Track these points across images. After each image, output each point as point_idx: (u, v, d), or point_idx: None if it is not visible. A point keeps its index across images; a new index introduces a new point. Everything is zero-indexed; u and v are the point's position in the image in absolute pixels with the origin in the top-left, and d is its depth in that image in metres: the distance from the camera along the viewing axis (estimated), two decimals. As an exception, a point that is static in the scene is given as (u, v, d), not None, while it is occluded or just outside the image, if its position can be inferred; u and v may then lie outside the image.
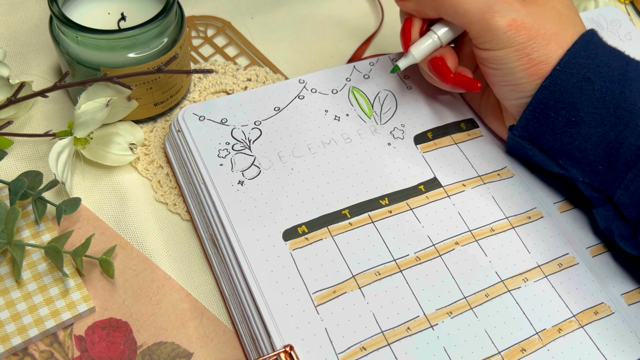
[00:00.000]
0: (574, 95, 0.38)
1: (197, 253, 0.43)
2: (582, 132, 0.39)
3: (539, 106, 0.39)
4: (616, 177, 0.38)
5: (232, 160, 0.41)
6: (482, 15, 0.39)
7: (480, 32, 0.39)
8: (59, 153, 0.41)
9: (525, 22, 0.39)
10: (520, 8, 0.39)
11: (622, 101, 0.38)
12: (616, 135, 0.38)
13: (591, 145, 0.39)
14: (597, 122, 0.38)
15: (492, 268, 0.40)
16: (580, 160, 0.39)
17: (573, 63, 0.39)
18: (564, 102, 0.39)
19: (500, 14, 0.38)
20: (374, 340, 0.36)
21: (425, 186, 0.43)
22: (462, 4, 0.39)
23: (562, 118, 0.39)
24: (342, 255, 0.39)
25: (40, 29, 0.52)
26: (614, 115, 0.38)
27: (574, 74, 0.38)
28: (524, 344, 0.37)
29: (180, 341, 0.39)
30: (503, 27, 0.39)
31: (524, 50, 0.39)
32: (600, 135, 0.38)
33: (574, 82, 0.38)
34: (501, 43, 0.39)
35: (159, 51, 0.43)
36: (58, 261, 0.38)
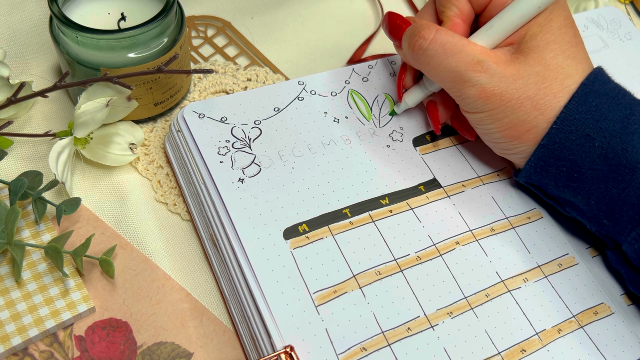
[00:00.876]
0: (574, 152, 0.38)
1: (197, 253, 0.43)
2: (584, 187, 0.38)
3: (539, 162, 0.39)
4: (621, 231, 0.38)
5: (232, 157, 0.41)
6: (454, 84, 0.39)
7: (456, 98, 0.40)
8: (59, 153, 0.41)
9: (494, 90, 0.38)
10: (495, 73, 0.38)
11: (623, 158, 0.37)
12: (618, 193, 0.37)
13: (594, 200, 0.38)
14: (599, 178, 0.37)
15: (492, 268, 0.40)
16: (585, 212, 0.39)
17: (570, 120, 0.37)
18: (564, 160, 0.38)
19: (469, 85, 0.38)
20: (374, 340, 0.36)
21: (425, 186, 0.43)
22: (436, 70, 0.39)
23: (563, 174, 0.38)
24: (342, 255, 0.39)
25: (40, 29, 0.52)
26: (616, 172, 0.37)
27: (572, 132, 0.37)
28: (524, 345, 0.37)
29: (180, 341, 0.39)
30: (473, 96, 0.39)
31: (495, 115, 0.39)
32: (602, 191, 0.37)
33: (573, 139, 0.38)
34: (474, 108, 0.39)
35: (159, 51, 0.43)
36: (58, 261, 0.38)
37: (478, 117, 0.40)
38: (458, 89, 0.39)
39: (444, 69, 0.39)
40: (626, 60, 0.52)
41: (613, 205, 0.37)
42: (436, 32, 0.39)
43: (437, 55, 0.39)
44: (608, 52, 0.53)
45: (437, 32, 0.39)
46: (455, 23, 0.41)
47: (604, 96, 0.38)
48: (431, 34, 0.39)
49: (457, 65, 0.38)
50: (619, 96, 0.38)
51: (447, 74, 0.39)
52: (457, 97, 0.40)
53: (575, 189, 0.38)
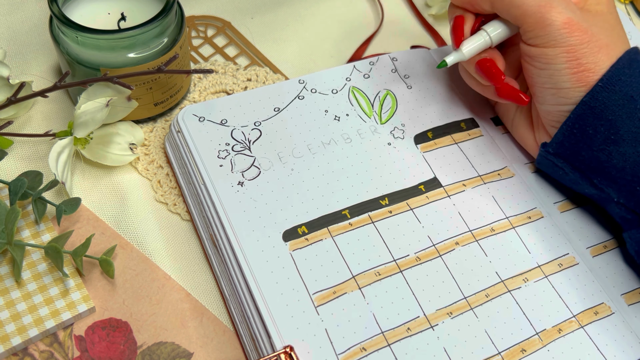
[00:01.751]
0: (615, 112, 0.37)
1: (197, 253, 0.43)
2: (620, 150, 0.38)
3: (578, 122, 0.38)
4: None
5: (232, 161, 0.41)
6: (539, 8, 0.38)
7: (534, 26, 0.38)
8: (59, 153, 0.41)
9: (580, 24, 0.38)
10: (577, 10, 0.39)
11: None
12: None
13: (629, 164, 0.37)
14: (638, 141, 0.37)
15: (492, 268, 0.40)
16: (617, 179, 0.38)
17: (616, 80, 0.38)
18: (604, 120, 0.38)
19: (557, 10, 0.38)
20: (374, 340, 0.36)
21: (426, 186, 0.43)
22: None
23: (600, 135, 0.38)
24: (342, 256, 0.39)
25: (40, 29, 0.52)
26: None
27: (616, 91, 0.37)
28: (524, 345, 0.37)
29: (180, 341, 0.39)
30: (558, 24, 0.38)
31: (574, 52, 0.38)
32: (639, 154, 0.37)
33: (615, 100, 0.37)
34: (553, 40, 0.38)
35: (159, 51, 0.43)
36: (58, 261, 0.38)
37: (554, 54, 0.38)
38: (542, 14, 0.38)
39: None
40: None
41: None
42: None
43: None
44: (608, 51, 0.52)
45: None
46: None
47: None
48: None
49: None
50: None
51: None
52: (537, 25, 0.38)
53: (611, 153, 0.38)
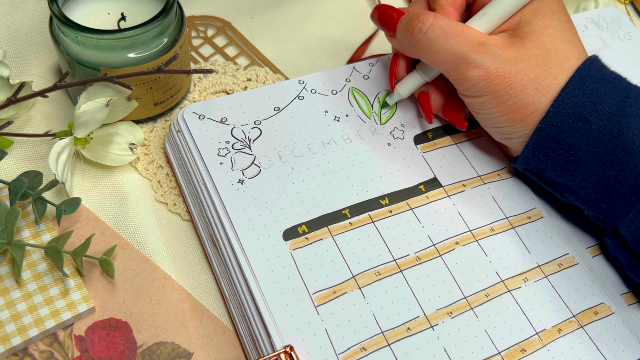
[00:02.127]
0: (571, 135, 0.38)
1: (197, 253, 0.43)
2: (581, 170, 0.38)
3: (537, 146, 0.39)
4: (618, 214, 0.38)
5: (232, 159, 0.41)
6: (456, 67, 0.39)
7: (456, 81, 0.40)
8: (59, 153, 0.41)
9: (498, 71, 0.38)
10: (498, 54, 0.38)
11: (620, 140, 0.37)
12: (615, 175, 0.37)
13: (592, 183, 0.38)
14: (596, 161, 0.38)
15: (492, 268, 0.40)
16: (582, 196, 0.39)
17: (567, 103, 0.38)
18: (562, 142, 0.38)
19: (473, 66, 0.38)
20: (374, 340, 0.36)
21: (426, 186, 0.43)
22: (437, 54, 0.39)
23: (561, 157, 0.39)
24: (342, 255, 0.39)
25: (40, 29, 0.52)
26: (612, 154, 0.37)
27: (569, 114, 0.38)
28: (524, 344, 0.37)
29: (180, 341, 0.39)
30: (475, 78, 0.39)
31: (499, 98, 0.39)
32: (599, 174, 0.38)
33: (570, 123, 0.38)
34: (477, 91, 0.39)
35: (159, 51, 0.43)
36: (58, 261, 0.38)
37: (480, 101, 0.40)
38: (460, 71, 0.39)
39: (444, 51, 0.39)
40: (626, 60, 0.52)
41: (610, 187, 0.37)
42: (434, 17, 0.39)
43: (437, 38, 0.39)
44: (608, 52, 0.53)
45: (436, 17, 0.39)
46: (448, 11, 0.41)
47: (600, 80, 0.38)
48: (430, 18, 0.39)
49: (459, 47, 0.38)
50: (614, 81, 0.39)
51: (449, 56, 0.39)
52: (458, 80, 0.40)
53: (573, 173, 0.39)
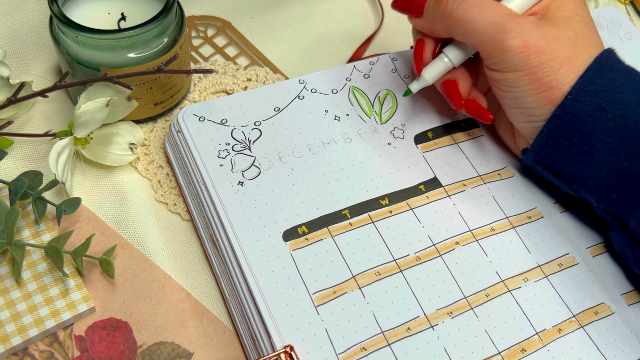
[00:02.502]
0: (587, 124, 0.37)
1: (197, 253, 0.43)
2: (595, 160, 0.38)
3: (551, 134, 0.39)
4: (629, 206, 0.37)
5: (232, 160, 0.41)
6: (494, 36, 0.38)
7: (491, 53, 0.38)
8: (59, 153, 0.41)
9: (537, 45, 0.37)
10: (534, 29, 0.38)
11: (635, 130, 0.37)
12: (629, 166, 0.37)
13: (604, 173, 0.38)
14: (610, 151, 0.37)
15: (492, 268, 0.40)
16: (594, 187, 0.39)
17: (585, 91, 0.37)
18: (577, 131, 0.38)
19: (512, 35, 0.37)
20: (374, 340, 0.36)
21: (426, 186, 0.43)
22: (473, 23, 0.38)
23: (574, 146, 0.38)
24: (342, 256, 0.39)
25: (40, 29, 0.52)
26: (627, 144, 0.37)
27: (586, 102, 0.37)
28: (524, 344, 0.37)
29: (180, 341, 0.39)
30: (514, 49, 0.37)
31: (535, 74, 0.38)
32: (613, 164, 0.37)
33: (586, 111, 0.37)
34: (512, 65, 0.38)
35: (159, 51, 0.43)
36: (58, 261, 0.38)
37: (514, 77, 0.38)
38: (498, 41, 0.37)
39: (481, 19, 0.38)
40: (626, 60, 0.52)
41: (623, 179, 0.37)
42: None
43: (472, 8, 0.38)
44: (608, 51, 0.52)
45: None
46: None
47: (617, 71, 0.38)
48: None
49: (496, 16, 0.38)
50: (631, 73, 0.39)
51: (486, 25, 0.38)
52: (495, 51, 0.38)
53: (586, 163, 0.38)
